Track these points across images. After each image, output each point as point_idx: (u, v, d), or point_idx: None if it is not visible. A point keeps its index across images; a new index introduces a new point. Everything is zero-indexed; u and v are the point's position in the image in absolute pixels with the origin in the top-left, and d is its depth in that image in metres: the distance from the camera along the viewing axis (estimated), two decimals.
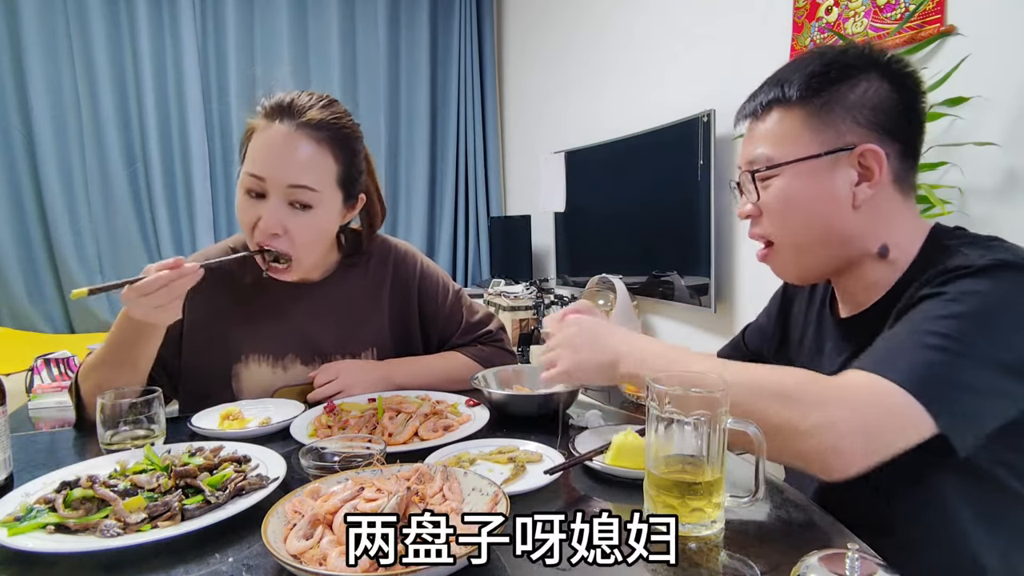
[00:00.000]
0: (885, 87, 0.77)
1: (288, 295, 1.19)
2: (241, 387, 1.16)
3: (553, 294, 3.37)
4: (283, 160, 1.03)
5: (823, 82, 0.77)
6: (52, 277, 3.67)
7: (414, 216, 4.47)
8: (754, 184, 0.83)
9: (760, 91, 0.83)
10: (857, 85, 0.77)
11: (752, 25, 2.32)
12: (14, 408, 1.60)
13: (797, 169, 0.79)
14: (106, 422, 0.87)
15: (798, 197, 0.79)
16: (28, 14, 3.45)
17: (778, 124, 0.81)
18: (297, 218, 1.05)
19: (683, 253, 2.60)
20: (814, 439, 0.62)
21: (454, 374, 1.22)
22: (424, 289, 1.29)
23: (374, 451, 0.76)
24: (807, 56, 0.81)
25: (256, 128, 1.06)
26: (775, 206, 0.81)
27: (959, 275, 0.68)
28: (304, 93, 1.08)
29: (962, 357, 0.63)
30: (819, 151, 0.77)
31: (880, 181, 0.76)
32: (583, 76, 3.49)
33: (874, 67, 0.77)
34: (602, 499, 0.74)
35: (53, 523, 0.65)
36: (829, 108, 0.77)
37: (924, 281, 0.72)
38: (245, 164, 1.06)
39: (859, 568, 0.45)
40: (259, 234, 1.05)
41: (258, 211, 1.04)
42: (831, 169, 0.77)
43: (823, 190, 0.78)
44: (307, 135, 1.04)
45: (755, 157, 0.82)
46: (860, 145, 0.76)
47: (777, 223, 0.82)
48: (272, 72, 3.97)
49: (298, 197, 1.04)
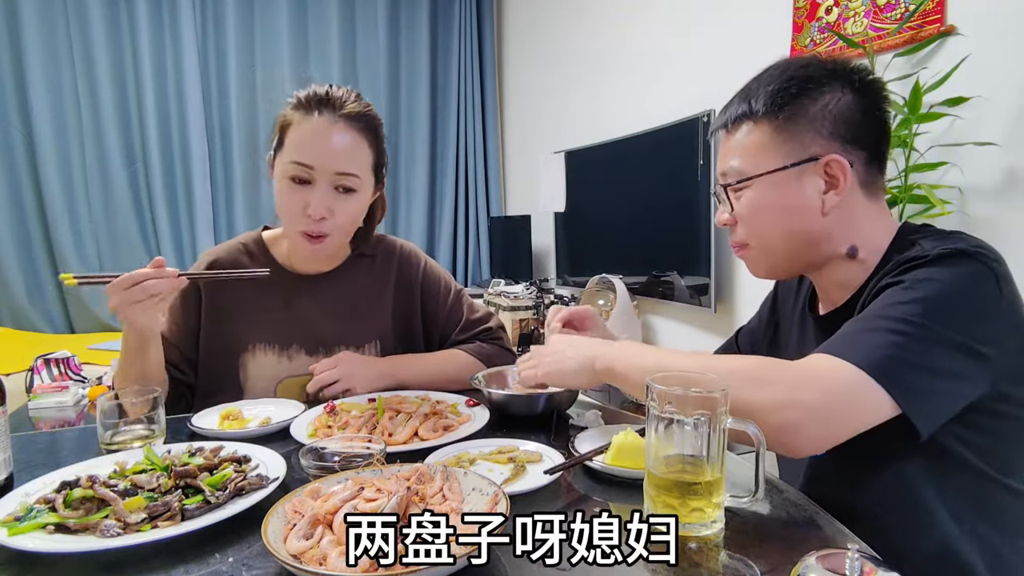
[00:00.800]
0: (848, 98, 0.80)
1: (295, 287, 1.22)
2: (248, 377, 1.18)
3: (553, 294, 3.37)
4: (330, 149, 1.09)
5: (785, 97, 0.80)
6: (52, 277, 3.67)
7: (414, 216, 4.47)
8: (727, 196, 0.88)
9: (731, 104, 0.87)
10: (819, 98, 0.80)
11: (752, 25, 2.32)
12: (14, 408, 1.60)
13: (766, 180, 0.83)
14: (106, 422, 0.87)
15: (768, 207, 0.84)
16: (28, 14, 3.45)
17: (747, 137, 0.84)
18: (342, 202, 1.12)
19: (683, 253, 2.60)
20: (775, 416, 0.65)
21: (456, 372, 1.23)
22: (427, 287, 1.32)
23: (374, 451, 0.76)
24: (772, 70, 0.85)
25: (293, 120, 1.11)
26: (747, 215, 0.86)
27: (915, 264, 0.72)
28: (335, 87, 1.14)
29: (920, 340, 0.66)
30: (785, 163, 0.81)
31: (845, 189, 0.80)
32: (583, 76, 3.49)
33: (836, 79, 0.80)
34: (602, 499, 0.74)
35: (53, 523, 0.64)
36: (793, 121, 0.81)
37: (884, 272, 0.76)
38: (287, 153, 1.10)
39: (859, 568, 0.45)
40: (307, 220, 1.10)
41: (305, 197, 1.09)
42: (798, 179, 0.81)
43: (792, 199, 0.82)
44: (348, 125, 1.11)
45: (727, 169, 0.87)
46: (825, 156, 0.79)
47: (750, 230, 0.87)
48: (272, 74, 3.97)
49: (343, 183, 1.11)
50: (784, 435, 0.66)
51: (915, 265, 0.72)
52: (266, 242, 1.25)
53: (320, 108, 1.10)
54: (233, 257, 1.22)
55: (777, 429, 0.65)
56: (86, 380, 2.16)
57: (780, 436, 0.66)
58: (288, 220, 1.13)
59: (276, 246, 1.25)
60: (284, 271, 1.23)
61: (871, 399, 0.65)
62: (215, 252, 1.24)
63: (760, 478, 0.64)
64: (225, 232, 3.98)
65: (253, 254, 1.23)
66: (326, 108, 1.10)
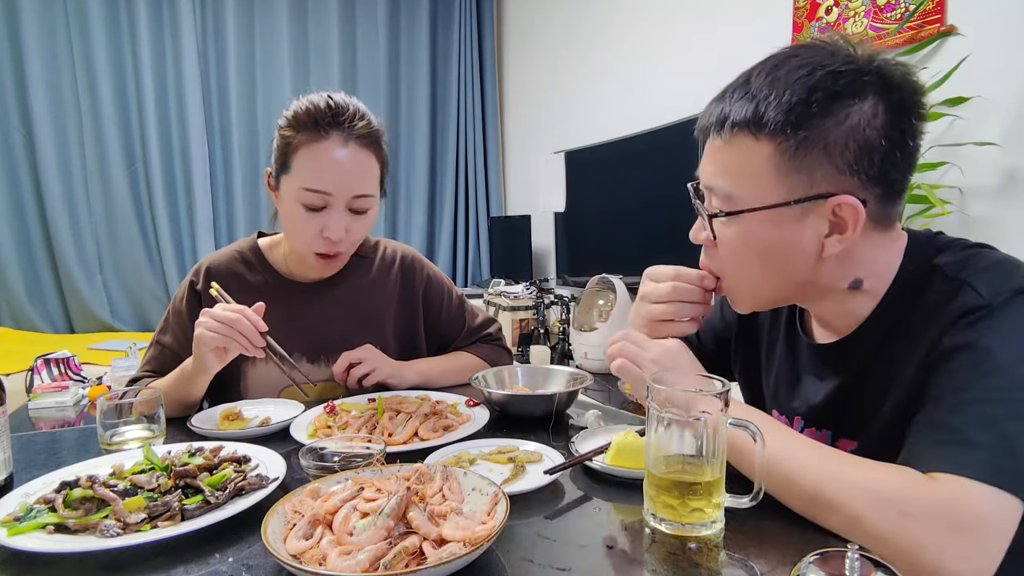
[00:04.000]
0: (880, 119, 0.65)
1: (296, 295, 1.21)
2: (248, 386, 1.18)
3: (553, 294, 3.37)
4: (347, 176, 1.07)
5: (803, 115, 0.65)
6: (52, 277, 3.67)
7: (414, 216, 4.47)
8: (710, 224, 0.75)
9: (731, 98, 0.71)
10: (845, 120, 0.65)
11: (752, 25, 2.32)
12: (14, 408, 1.60)
13: (759, 214, 0.69)
14: (106, 422, 0.87)
15: (756, 244, 0.71)
16: (28, 14, 3.45)
17: (742, 155, 0.69)
18: (357, 221, 1.11)
19: (683, 253, 2.59)
20: (921, 558, 0.57)
21: (462, 375, 1.22)
22: (429, 294, 1.32)
23: (374, 451, 0.76)
24: (793, 67, 0.67)
25: (300, 143, 1.05)
26: (730, 249, 0.74)
27: (978, 317, 0.64)
28: (336, 99, 1.07)
29: (1020, 419, 0.60)
30: (787, 199, 0.68)
31: (854, 236, 0.68)
32: (583, 76, 3.49)
33: (871, 89, 0.65)
34: (602, 499, 0.74)
35: (53, 523, 0.64)
36: (806, 149, 0.66)
37: (933, 317, 0.67)
38: (299, 179, 1.06)
39: (859, 568, 0.45)
40: (325, 243, 1.09)
41: (322, 222, 1.08)
42: (799, 219, 0.68)
43: (786, 240, 0.69)
44: (359, 146, 1.08)
45: (715, 187, 0.73)
46: (836, 196, 0.66)
47: (731, 264, 0.76)
48: (272, 74, 3.97)
49: (359, 205, 1.10)
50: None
51: (978, 318, 0.63)
52: (262, 249, 1.24)
53: (328, 129, 1.05)
54: (229, 265, 1.21)
55: (919, 569, 0.58)
56: (86, 380, 2.16)
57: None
58: (302, 243, 1.11)
59: (272, 253, 1.24)
60: (283, 279, 1.22)
61: (1009, 512, 0.58)
62: (211, 259, 1.23)
63: (760, 478, 0.64)
64: (225, 232, 3.98)
65: (249, 262, 1.22)
66: (334, 129, 1.05)
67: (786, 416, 0.88)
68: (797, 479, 0.65)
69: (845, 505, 0.61)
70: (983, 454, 0.60)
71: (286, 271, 1.22)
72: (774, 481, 0.66)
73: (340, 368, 1.14)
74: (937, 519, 0.58)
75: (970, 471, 0.59)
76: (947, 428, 0.63)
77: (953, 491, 0.59)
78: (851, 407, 0.77)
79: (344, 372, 1.14)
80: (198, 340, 0.99)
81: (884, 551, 0.58)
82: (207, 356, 0.99)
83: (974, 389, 0.62)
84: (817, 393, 0.81)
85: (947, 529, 0.57)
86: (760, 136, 0.68)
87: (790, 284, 0.74)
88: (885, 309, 0.73)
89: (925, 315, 0.68)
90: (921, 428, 0.65)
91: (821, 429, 0.81)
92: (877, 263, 0.72)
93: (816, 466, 0.64)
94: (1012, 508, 0.59)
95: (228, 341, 0.97)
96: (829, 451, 0.67)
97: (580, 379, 1.08)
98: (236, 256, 1.22)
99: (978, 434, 0.61)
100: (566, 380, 1.10)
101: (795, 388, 0.86)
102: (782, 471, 0.66)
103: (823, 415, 0.81)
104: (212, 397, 1.15)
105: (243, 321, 0.97)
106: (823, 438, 0.81)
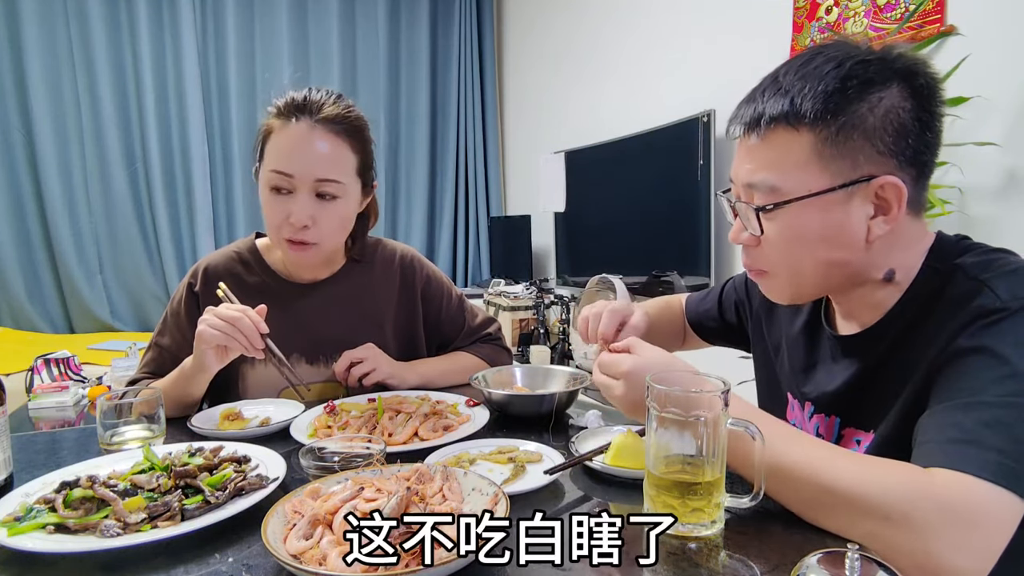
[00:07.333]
0: (908, 105, 0.68)
1: (293, 295, 1.21)
2: (247, 387, 1.18)
3: (553, 294, 3.37)
4: (308, 156, 1.06)
5: (840, 102, 0.68)
6: (52, 277, 3.67)
7: (414, 216, 4.47)
8: (757, 217, 0.74)
9: (762, 97, 0.73)
10: (878, 104, 0.68)
11: (752, 25, 2.32)
12: (14, 408, 1.60)
13: (807, 202, 0.70)
14: (106, 422, 0.87)
15: (805, 233, 0.72)
16: (28, 14, 3.45)
17: (783, 148, 0.71)
18: (324, 209, 1.09)
19: (683, 253, 2.60)
20: (927, 562, 0.58)
21: (462, 375, 1.22)
22: (428, 294, 1.31)
23: (374, 451, 0.76)
24: (821, 62, 0.70)
25: (273, 128, 1.09)
26: (780, 242, 0.74)
27: (995, 320, 0.64)
28: (314, 90, 1.11)
29: None
30: (833, 184, 0.69)
31: (898, 215, 0.70)
32: (583, 76, 3.49)
33: (895, 78, 0.68)
34: (602, 499, 0.74)
35: (53, 523, 0.64)
36: (846, 134, 0.68)
37: (950, 315, 0.67)
38: (268, 162, 1.08)
39: (859, 568, 0.45)
40: (290, 228, 1.08)
41: (287, 207, 1.07)
42: (845, 203, 0.70)
43: (834, 225, 0.71)
44: (326, 130, 1.07)
45: (756, 183, 0.73)
46: (880, 177, 0.68)
47: (778, 257, 0.76)
48: (275, 76, 3.97)
49: (325, 189, 1.08)
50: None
51: (994, 321, 0.64)
52: (260, 250, 1.24)
53: (297, 114, 1.07)
54: (227, 265, 1.21)
55: (918, 562, 0.58)
56: (86, 380, 2.16)
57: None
58: (272, 229, 1.11)
59: (270, 253, 1.23)
60: (281, 279, 1.21)
61: (1011, 510, 0.59)
62: (208, 260, 1.23)
63: (760, 478, 0.64)
64: (225, 232, 3.98)
65: (247, 262, 1.22)
66: (303, 114, 1.07)
67: (797, 401, 0.89)
68: (797, 479, 0.65)
69: (846, 505, 0.61)
70: (991, 455, 0.60)
71: (284, 272, 1.22)
72: (773, 482, 0.66)
73: (341, 367, 1.14)
74: (938, 513, 0.58)
75: (974, 468, 0.60)
76: (957, 427, 0.63)
77: (955, 486, 0.60)
78: (864, 397, 0.78)
79: (345, 371, 1.14)
80: (200, 337, 0.99)
81: (883, 547, 0.59)
82: (207, 354, 0.99)
83: (986, 392, 0.63)
84: (831, 381, 0.82)
85: (948, 523, 0.58)
86: (800, 127, 0.70)
87: (835, 272, 0.75)
88: (908, 303, 0.74)
89: (943, 312, 0.69)
90: (931, 427, 0.66)
91: (830, 416, 0.82)
92: (910, 254, 0.74)
93: (816, 466, 0.64)
94: (1013, 506, 0.59)
95: (229, 340, 0.97)
96: (829, 451, 0.67)
97: (580, 379, 1.08)
98: (234, 256, 1.22)
99: (988, 436, 0.61)
100: (566, 380, 1.10)
101: (809, 375, 0.87)
102: (781, 471, 0.66)
103: (834, 402, 0.82)
104: (212, 397, 1.15)
105: (245, 321, 0.98)
106: (831, 424, 0.82)
